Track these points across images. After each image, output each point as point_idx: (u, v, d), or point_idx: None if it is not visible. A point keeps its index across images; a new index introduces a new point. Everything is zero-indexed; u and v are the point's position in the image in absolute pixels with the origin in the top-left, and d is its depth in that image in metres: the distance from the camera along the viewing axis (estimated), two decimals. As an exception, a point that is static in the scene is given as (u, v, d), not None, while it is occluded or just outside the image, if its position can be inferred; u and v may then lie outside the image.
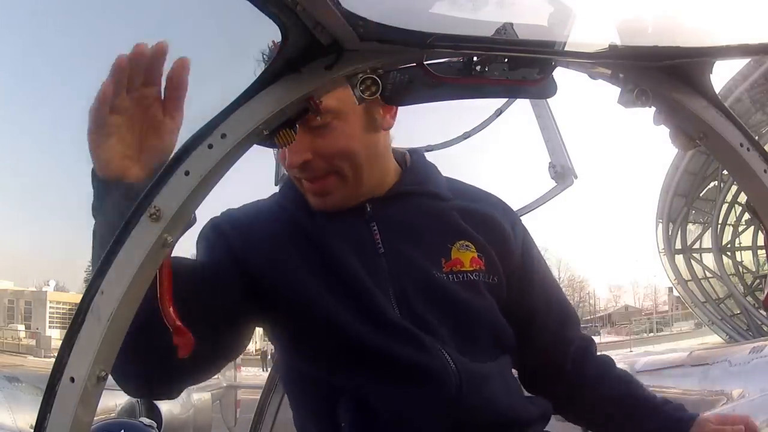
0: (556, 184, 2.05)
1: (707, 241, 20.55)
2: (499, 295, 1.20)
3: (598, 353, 1.34)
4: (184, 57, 0.86)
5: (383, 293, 1.12)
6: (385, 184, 1.21)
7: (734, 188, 17.00)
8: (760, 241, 0.94)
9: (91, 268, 0.80)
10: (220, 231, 1.17)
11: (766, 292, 0.87)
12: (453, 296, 1.14)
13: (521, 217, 1.37)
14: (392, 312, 1.11)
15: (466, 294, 1.15)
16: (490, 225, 1.23)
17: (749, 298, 19.07)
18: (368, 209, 1.18)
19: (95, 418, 0.64)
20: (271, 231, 1.18)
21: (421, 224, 1.19)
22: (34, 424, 0.62)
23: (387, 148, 1.22)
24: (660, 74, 0.73)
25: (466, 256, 1.17)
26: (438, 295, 1.14)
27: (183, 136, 0.65)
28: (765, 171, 0.76)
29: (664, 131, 0.79)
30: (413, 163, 1.28)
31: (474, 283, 1.17)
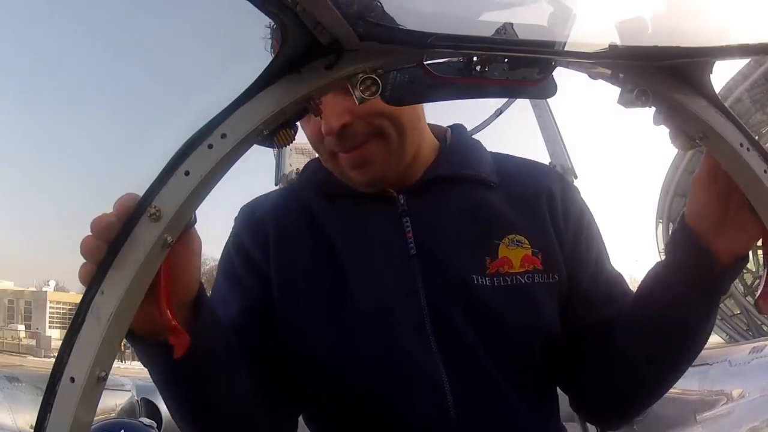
0: (556, 184, 2.04)
1: (707, 241, 20.54)
2: (561, 293, 1.03)
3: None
4: None
5: (415, 310, 0.97)
6: (420, 163, 1.06)
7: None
8: (760, 242, 0.93)
9: None
10: (245, 254, 1.07)
11: (758, 293, 0.86)
12: (496, 308, 0.98)
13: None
14: (418, 338, 0.96)
15: (513, 305, 0.98)
16: (546, 204, 1.06)
17: (749, 298, 19.03)
18: (401, 201, 1.03)
19: (95, 418, 0.63)
20: (286, 243, 1.05)
21: (463, 218, 1.03)
22: (34, 424, 0.62)
23: (422, 119, 1.07)
24: (660, 74, 0.73)
25: (516, 254, 1.00)
26: (479, 308, 0.97)
27: (183, 136, 0.65)
28: (765, 171, 0.76)
29: (664, 131, 0.79)
30: (453, 142, 1.13)
31: (525, 288, 0.99)
